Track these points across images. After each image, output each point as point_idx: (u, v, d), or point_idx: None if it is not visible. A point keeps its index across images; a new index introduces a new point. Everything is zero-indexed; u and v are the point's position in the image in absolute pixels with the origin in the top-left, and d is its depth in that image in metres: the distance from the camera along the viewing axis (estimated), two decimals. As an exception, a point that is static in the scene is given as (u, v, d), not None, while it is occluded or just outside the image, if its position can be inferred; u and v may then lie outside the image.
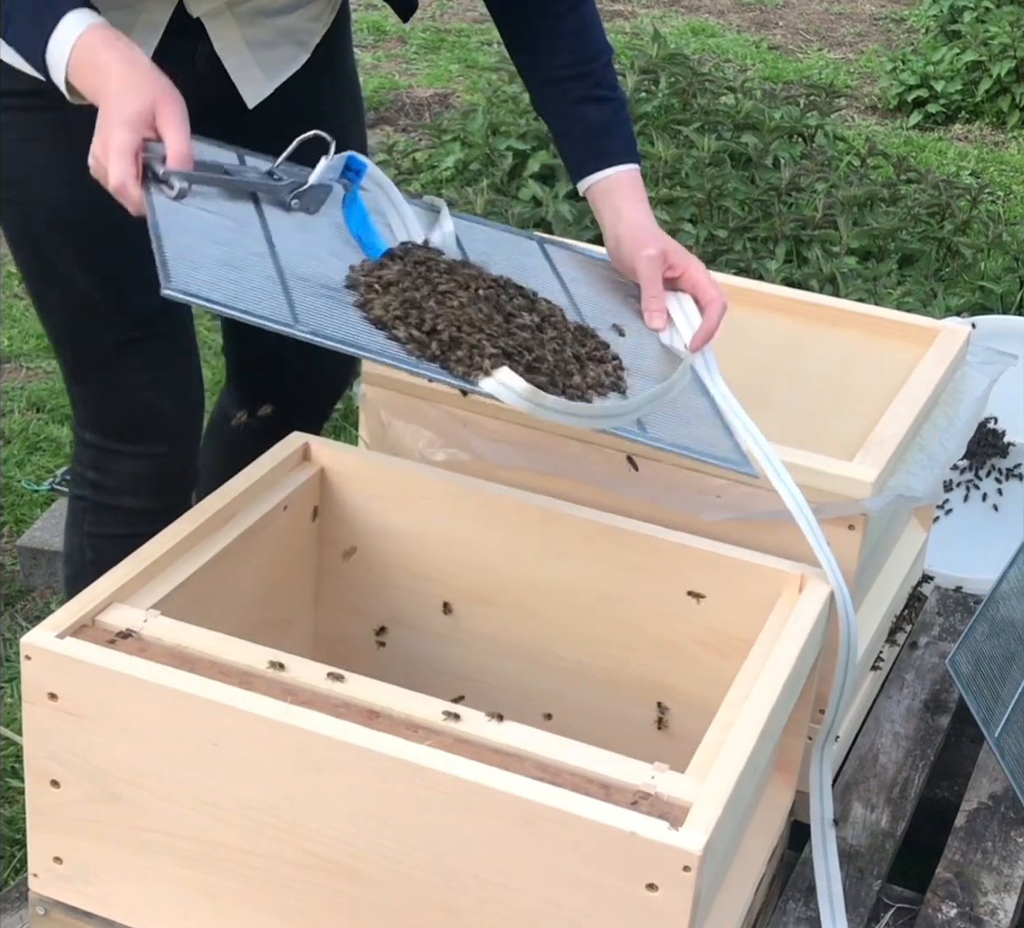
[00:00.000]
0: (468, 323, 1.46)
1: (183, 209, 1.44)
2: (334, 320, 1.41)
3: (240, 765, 1.32)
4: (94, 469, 1.86)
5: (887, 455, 1.64)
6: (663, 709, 1.61)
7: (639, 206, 1.72)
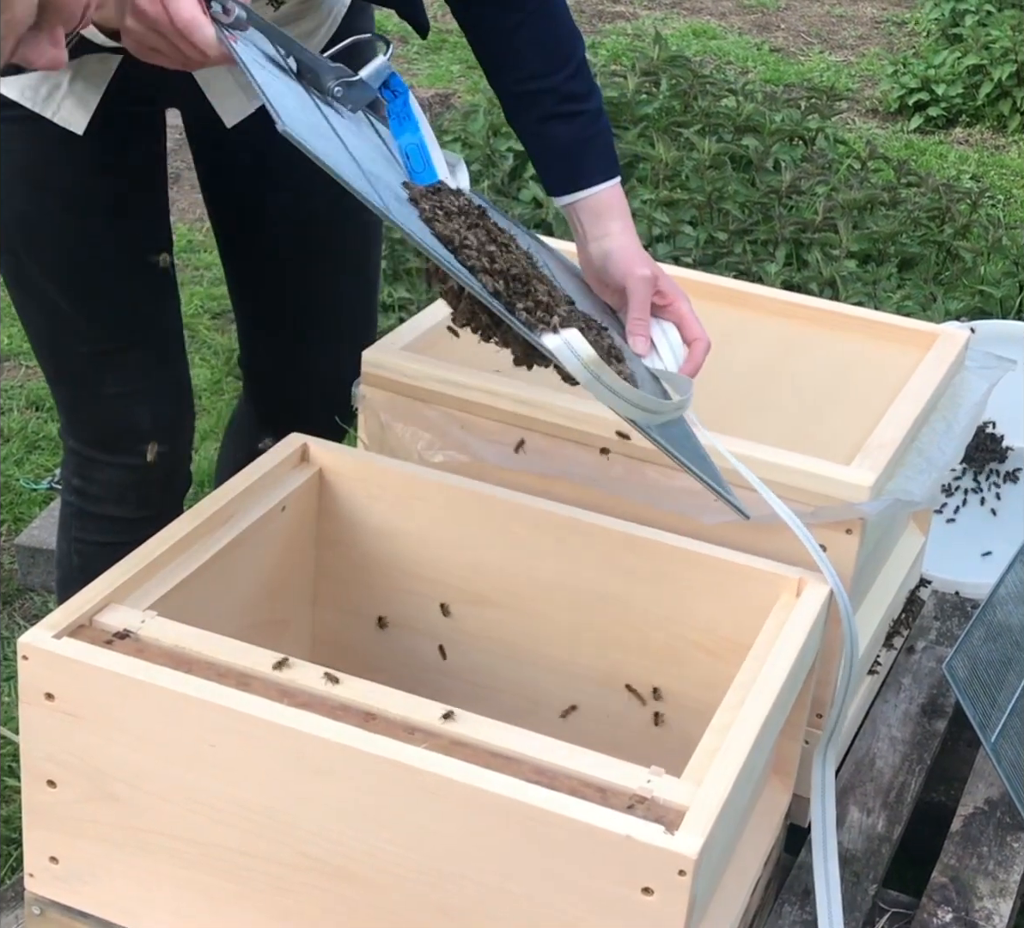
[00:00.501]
0: (537, 278, 1.39)
1: (263, 63, 1.31)
2: (412, 224, 1.32)
3: (237, 766, 1.32)
4: (78, 476, 1.85)
5: (885, 459, 1.64)
6: (657, 695, 1.61)
7: (628, 227, 1.66)
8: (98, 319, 1.73)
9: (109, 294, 1.72)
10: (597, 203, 1.65)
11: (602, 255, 1.65)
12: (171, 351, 1.82)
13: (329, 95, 1.41)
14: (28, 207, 1.66)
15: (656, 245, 3.48)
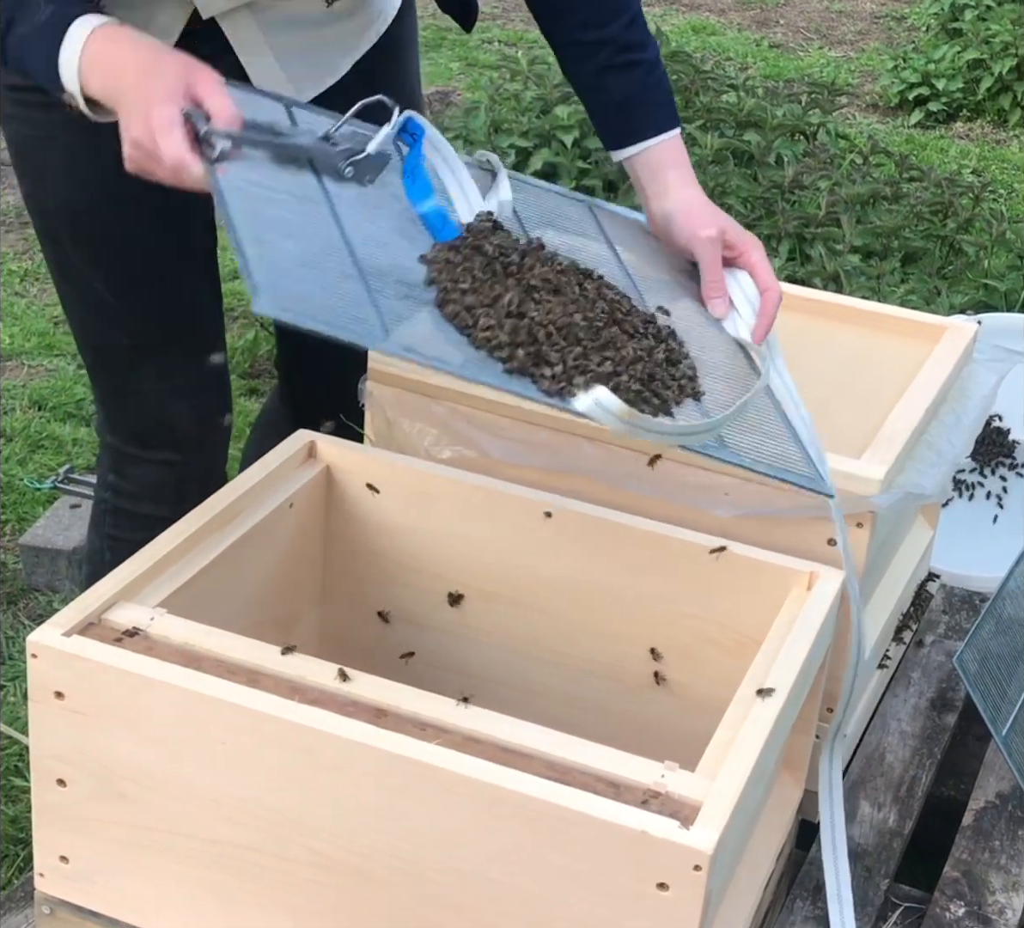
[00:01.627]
0: (562, 331, 1.38)
1: (248, 189, 1.34)
2: (418, 327, 1.33)
3: (247, 764, 1.31)
4: (114, 472, 1.84)
5: (895, 452, 1.63)
6: (656, 655, 1.60)
7: (687, 178, 1.62)
8: (141, 310, 1.72)
9: (153, 284, 1.71)
10: (655, 156, 1.62)
11: (664, 217, 1.63)
12: (212, 346, 1.81)
13: (343, 177, 1.42)
14: (75, 196, 1.66)
15: (659, 241, 3.47)
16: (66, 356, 3.31)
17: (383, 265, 1.37)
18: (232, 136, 1.33)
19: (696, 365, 1.52)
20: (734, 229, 1.61)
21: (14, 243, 3.88)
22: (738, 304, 1.61)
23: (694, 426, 1.41)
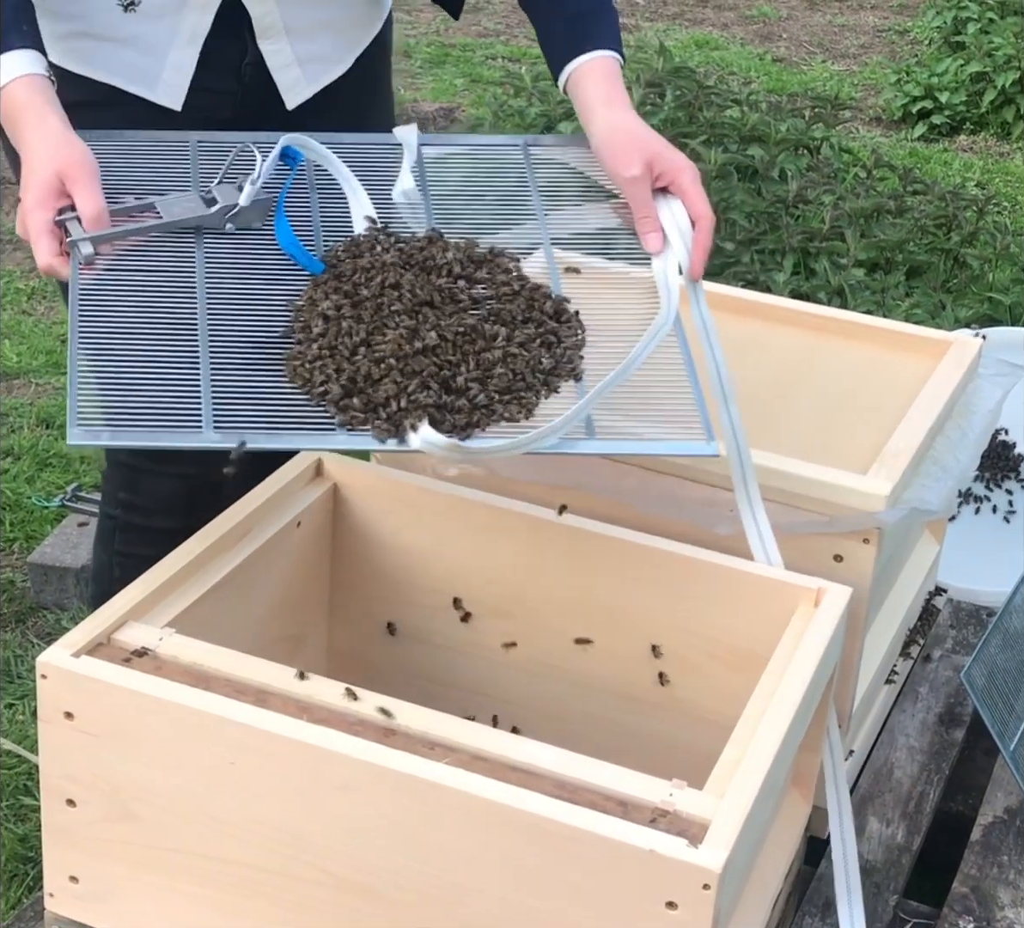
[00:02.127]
0: (401, 363, 1.43)
1: (105, 281, 1.45)
2: (256, 403, 1.40)
3: (256, 783, 1.31)
4: (125, 489, 1.85)
5: (901, 468, 1.63)
6: (657, 653, 1.60)
7: (614, 97, 1.61)
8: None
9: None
10: (584, 72, 1.61)
11: (596, 150, 1.62)
12: None
13: (227, 232, 1.52)
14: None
15: (663, 256, 3.47)
16: (73, 374, 3.31)
17: (239, 328, 1.45)
18: (96, 240, 1.45)
19: (586, 338, 1.52)
20: (662, 157, 1.58)
21: (21, 261, 3.89)
22: (671, 236, 1.59)
23: (539, 432, 1.41)
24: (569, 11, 1.65)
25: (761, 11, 6.48)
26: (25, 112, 1.47)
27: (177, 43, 1.64)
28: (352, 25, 1.77)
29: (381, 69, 1.86)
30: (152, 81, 1.66)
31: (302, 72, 1.74)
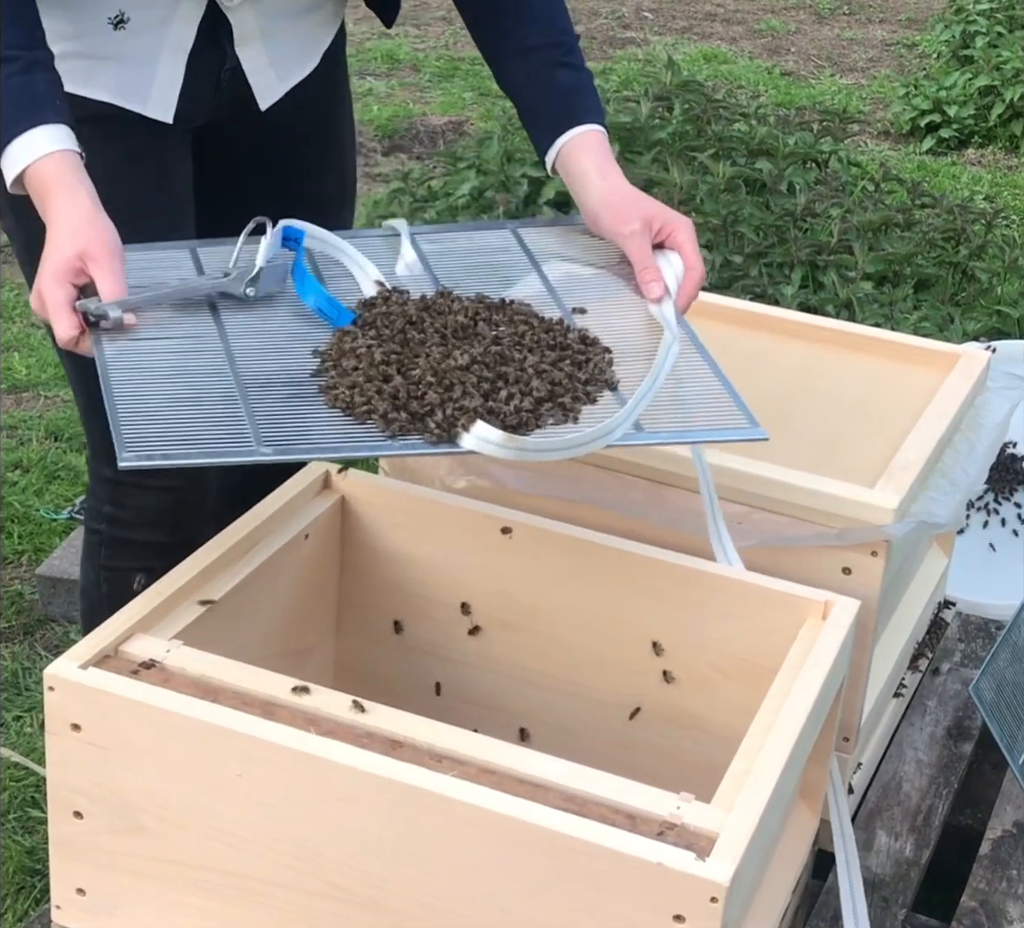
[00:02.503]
0: (440, 377, 1.45)
1: (132, 346, 1.46)
2: (300, 426, 1.41)
3: (263, 796, 1.31)
4: (111, 503, 1.85)
5: (909, 481, 1.63)
6: (659, 649, 1.60)
7: (607, 167, 1.66)
8: None
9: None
10: (577, 145, 1.66)
11: (593, 218, 1.67)
12: None
13: (248, 299, 1.54)
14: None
15: (671, 269, 3.47)
16: (82, 387, 3.33)
17: (270, 373, 1.47)
18: (122, 304, 1.46)
19: (613, 355, 1.55)
20: (660, 216, 1.64)
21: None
22: (670, 285, 1.63)
23: (593, 432, 1.43)
24: (562, 88, 1.70)
25: (769, 25, 6.50)
26: (56, 187, 1.48)
27: (165, 56, 1.67)
28: (318, 24, 1.81)
29: (341, 62, 1.90)
30: (144, 96, 1.69)
31: (275, 73, 1.77)
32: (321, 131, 1.88)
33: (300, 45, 1.79)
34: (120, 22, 1.61)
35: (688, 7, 6.76)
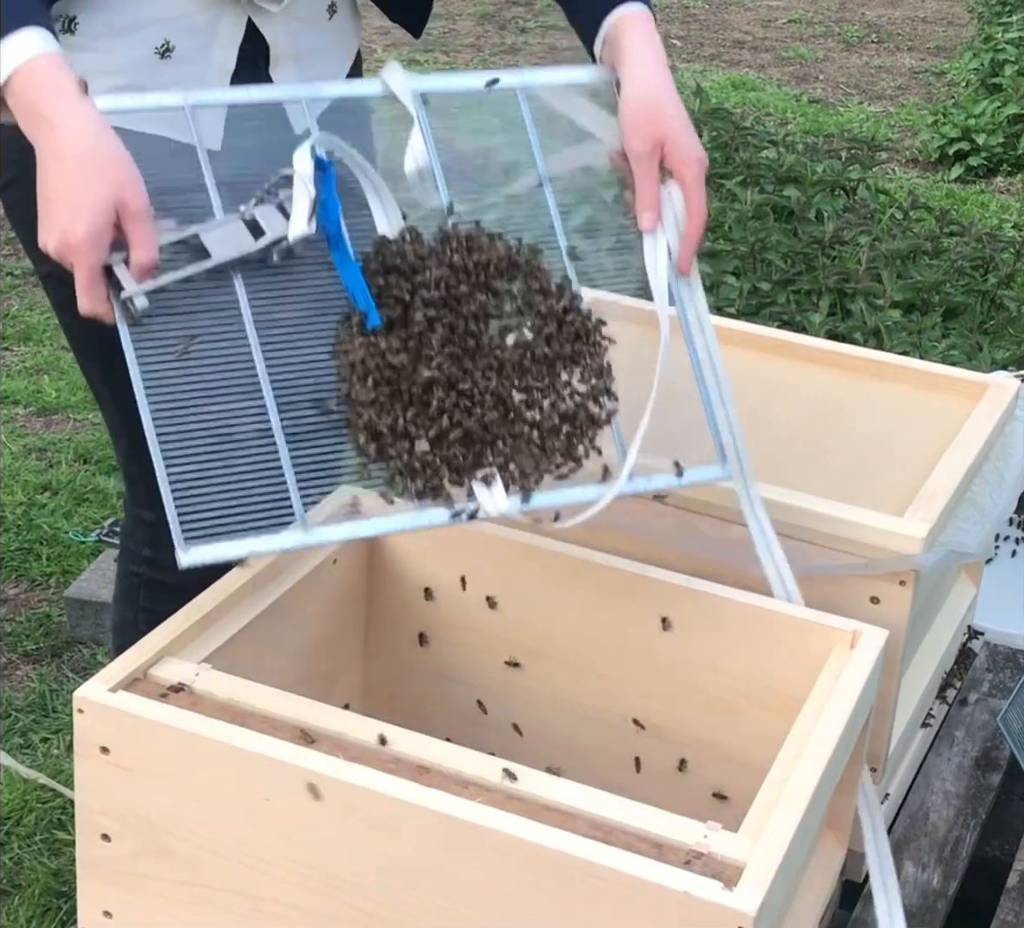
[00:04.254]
0: (461, 437, 1.46)
1: (166, 359, 1.40)
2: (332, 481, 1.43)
3: (291, 820, 1.31)
4: (149, 546, 1.83)
5: (938, 510, 1.63)
6: (686, 677, 1.60)
7: (645, 52, 1.57)
8: None
9: None
10: (616, 30, 1.58)
11: (620, 113, 1.58)
12: None
13: (272, 265, 1.46)
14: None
15: (699, 296, 3.48)
16: (111, 409, 3.34)
17: (296, 387, 1.44)
18: (148, 295, 1.38)
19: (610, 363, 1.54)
20: (677, 144, 1.56)
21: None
22: (666, 222, 1.58)
23: (601, 500, 1.49)
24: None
25: (798, 52, 6.51)
26: (55, 95, 1.35)
27: (209, 82, 1.66)
28: (341, 46, 1.79)
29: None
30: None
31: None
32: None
33: (326, 67, 1.77)
34: (167, 51, 1.61)
35: (716, 34, 6.79)
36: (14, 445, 3.21)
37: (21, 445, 3.22)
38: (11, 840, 2.15)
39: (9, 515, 2.94)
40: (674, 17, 7.01)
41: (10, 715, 2.41)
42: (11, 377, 3.51)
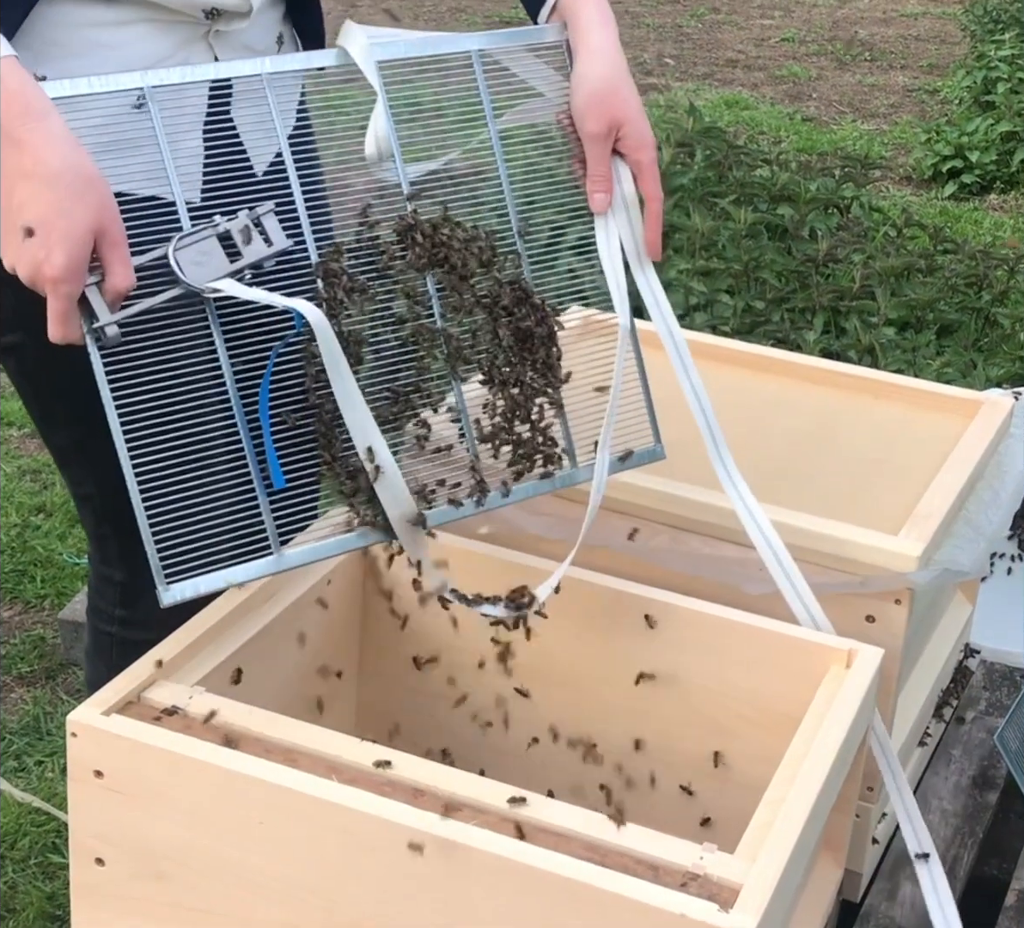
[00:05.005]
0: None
1: (138, 383, 1.38)
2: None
3: (285, 843, 1.31)
4: (121, 606, 1.79)
5: (933, 529, 1.63)
6: (680, 696, 1.59)
7: (599, 32, 1.55)
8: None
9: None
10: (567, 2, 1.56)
11: (573, 87, 1.56)
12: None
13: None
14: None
15: (693, 314, 3.49)
16: (106, 430, 3.34)
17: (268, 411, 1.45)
18: (120, 322, 1.34)
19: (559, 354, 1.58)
20: (632, 126, 1.55)
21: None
22: (615, 202, 1.58)
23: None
24: None
25: (791, 71, 6.54)
26: (19, 103, 1.27)
27: (183, 127, 1.51)
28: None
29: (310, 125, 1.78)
30: (168, 178, 1.49)
31: (263, 132, 1.60)
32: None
33: (281, 98, 1.60)
34: (142, 102, 1.44)
35: (709, 53, 6.81)
36: (8, 466, 3.21)
37: (15, 466, 3.21)
38: (5, 864, 2.15)
39: (3, 537, 2.93)
40: (667, 36, 7.04)
41: (4, 738, 2.40)
42: (5, 398, 3.51)
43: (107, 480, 1.68)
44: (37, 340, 1.41)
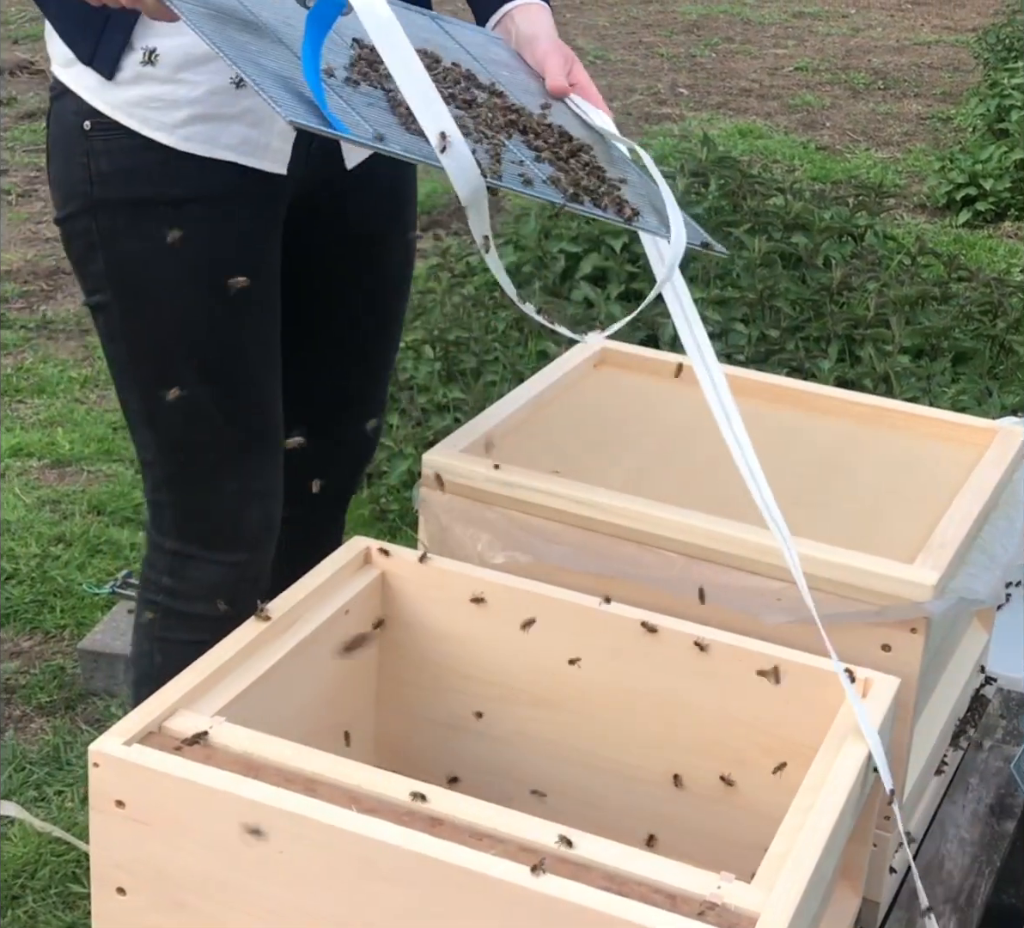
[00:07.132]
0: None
1: (213, 14, 1.43)
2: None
3: (305, 873, 1.32)
4: (170, 575, 1.86)
5: (948, 557, 1.63)
6: (697, 725, 1.59)
7: (541, 20, 1.74)
8: (236, 417, 1.77)
9: (249, 392, 1.78)
10: (529, 10, 1.75)
11: (518, 41, 1.75)
12: (279, 453, 1.86)
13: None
14: (197, 308, 1.71)
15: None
16: (124, 461, 3.36)
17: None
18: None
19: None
20: (579, 64, 1.74)
21: (74, 350, 3.95)
22: (591, 113, 1.71)
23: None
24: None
25: (804, 100, 6.56)
26: None
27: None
28: None
29: None
30: (262, 151, 1.70)
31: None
32: (392, 205, 1.89)
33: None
34: (242, 80, 1.64)
35: (723, 83, 6.84)
36: (28, 497, 3.23)
37: (35, 497, 3.23)
38: (25, 893, 2.15)
39: (23, 567, 2.95)
40: (681, 66, 7.07)
41: (24, 768, 2.41)
42: (25, 429, 3.53)
43: (168, 448, 1.75)
44: (123, 301, 1.71)
